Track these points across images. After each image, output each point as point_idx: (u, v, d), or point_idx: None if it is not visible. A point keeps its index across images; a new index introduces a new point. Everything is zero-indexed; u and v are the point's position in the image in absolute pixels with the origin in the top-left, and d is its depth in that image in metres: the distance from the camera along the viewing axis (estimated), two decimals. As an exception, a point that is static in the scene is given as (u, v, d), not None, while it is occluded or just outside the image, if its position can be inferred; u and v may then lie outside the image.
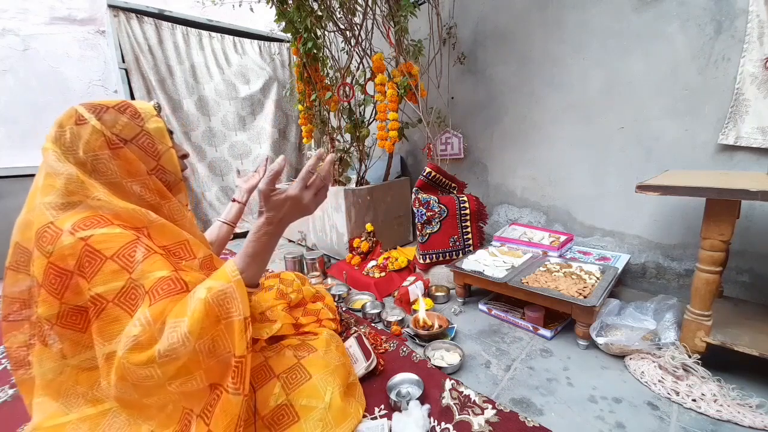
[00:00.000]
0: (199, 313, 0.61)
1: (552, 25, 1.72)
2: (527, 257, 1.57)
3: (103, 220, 0.67)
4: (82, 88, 2.67)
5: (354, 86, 2.11)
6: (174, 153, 0.82)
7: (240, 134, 2.95)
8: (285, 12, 1.87)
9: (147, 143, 0.77)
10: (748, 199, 0.85)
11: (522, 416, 0.91)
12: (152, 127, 0.79)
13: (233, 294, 0.64)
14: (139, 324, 0.61)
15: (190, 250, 0.79)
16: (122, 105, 0.76)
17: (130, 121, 0.75)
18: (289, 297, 1.14)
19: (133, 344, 0.60)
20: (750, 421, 0.86)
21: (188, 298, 0.64)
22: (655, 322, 1.16)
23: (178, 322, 0.61)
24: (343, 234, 2.09)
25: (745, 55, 1.23)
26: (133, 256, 0.65)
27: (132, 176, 0.75)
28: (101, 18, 2.62)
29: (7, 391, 1.13)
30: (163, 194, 0.80)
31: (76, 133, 0.70)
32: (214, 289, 0.64)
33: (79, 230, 0.64)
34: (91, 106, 0.73)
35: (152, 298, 0.63)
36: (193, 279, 0.69)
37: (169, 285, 0.65)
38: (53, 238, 0.64)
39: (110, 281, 0.63)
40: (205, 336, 0.62)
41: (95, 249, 0.64)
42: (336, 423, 0.80)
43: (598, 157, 1.67)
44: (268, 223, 0.69)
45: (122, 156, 0.73)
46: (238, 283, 0.66)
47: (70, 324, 0.67)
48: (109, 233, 0.65)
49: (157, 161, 0.79)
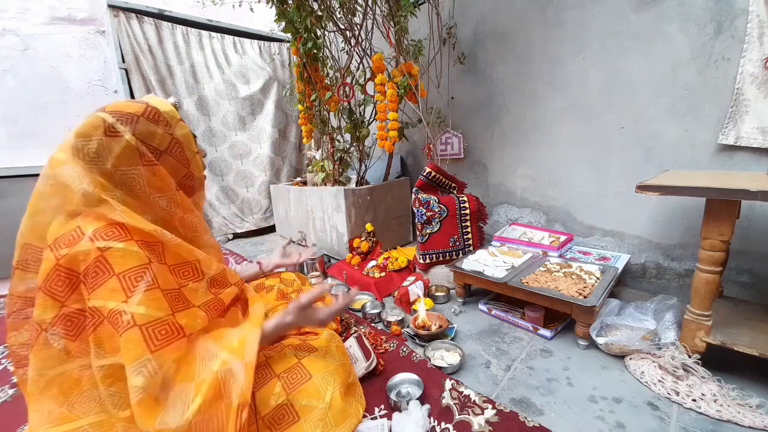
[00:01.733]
0: (207, 389, 0.64)
1: (552, 25, 1.72)
2: (527, 257, 1.57)
3: (123, 231, 0.67)
4: (82, 88, 2.67)
5: (354, 86, 2.11)
6: (199, 158, 0.82)
7: (240, 134, 2.95)
8: (285, 12, 1.87)
9: (178, 152, 0.77)
10: (748, 199, 0.85)
11: (522, 416, 0.91)
12: (180, 133, 0.77)
13: (240, 375, 0.67)
14: (146, 373, 0.61)
15: (200, 270, 0.80)
16: (151, 112, 0.73)
17: (163, 131, 0.74)
18: (290, 297, 1.14)
19: (140, 397, 0.60)
20: (750, 421, 0.86)
21: (198, 359, 0.66)
22: (655, 322, 1.16)
23: (187, 392, 0.63)
24: (343, 234, 2.09)
25: (745, 55, 1.23)
26: (138, 281, 0.65)
27: (161, 192, 0.74)
28: (101, 18, 2.62)
29: (7, 391, 1.13)
30: (186, 208, 0.80)
31: (106, 145, 0.67)
32: (227, 363, 0.66)
33: (99, 239, 0.63)
34: (121, 116, 0.69)
35: (149, 340, 0.63)
36: (189, 323, 0.70)
37: (167, 330, 0.66)
38: (73, 240, 0.64)
39: (108, 299, 0.63)
40: (205, 413, 0.63)
41: (108, 262, 0.63)
42: (336, 423, 0.80)
43: (598, 157, 1.67)
44: (291, 325, 0.84)
45: (156, 173, 0.72)
46: (249, 366, 0.68)
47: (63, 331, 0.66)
48: (126, 250, 0.65)
49: (187, 168, 0.79)
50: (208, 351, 0.69)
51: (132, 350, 0.62)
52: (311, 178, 2.51)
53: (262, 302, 0.92)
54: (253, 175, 3.02)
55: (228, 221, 2.92)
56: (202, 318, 0.76)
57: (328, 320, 0.88)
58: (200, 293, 0.78)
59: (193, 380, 0.64)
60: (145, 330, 0.63)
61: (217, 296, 0.83)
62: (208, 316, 0.78)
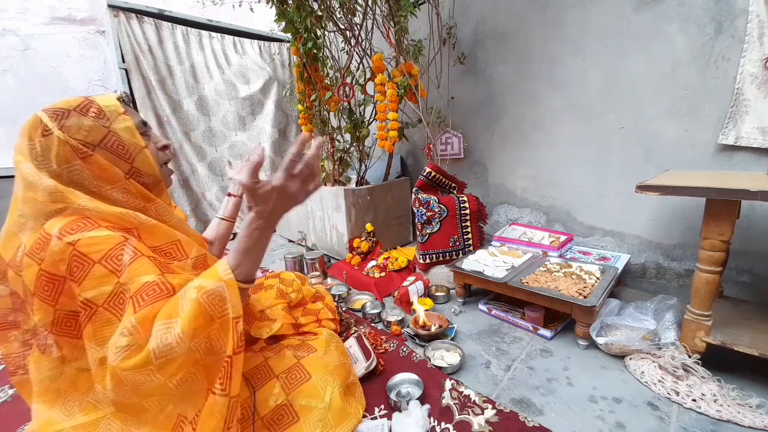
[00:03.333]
0: (191, 313, 0.59)
1: (552, 25, 1.72)
2: (527, 257, 1.57)
3: (90, 222, 0.65)
4: (82, 88, 2.67)
5: (354, 86, 2.11)
6: (148, 153, 0.76)
7: (240, 134, 2.95)
8: (285, 12, 1.87)
9: (116, 145, 0.72)
10: (748, 199, 0.85)
11: (522, 416, 0.91)
12: (120, 126, 0.73)
13: (224, 293, 0.63)
14: (127, 333, 0.59)
15: (182, 249, 0.77)
16: (84, 105, 0.71)
17: (94, 123, 0.70)
18: (289, 297, 1.14)
19: (125, 354, 0.58)
20: (750, 421, 0.86)
21: (178, 298, 0.62)
22: (655, 322, 1.16)
23: (171, 323, 0.59)
24: (343, 234, 2.09)
25: (745, 55, 1.23)
26: (120, 259, 0.63)
27: (110, 183, 0.71)
28: (101, 18, 2.62)
29: (7, 391, 1.13)
30: (146, 197, 0.76)
31: (45, 145, 0.66)
32: (205, 288, 0.62)
33: (66, 234, 0.62)
34: (54, 112, 0.68)
35: (136, 304, 0.61)
36: (181, 281, 0.67)
37: (155, 290, 0.63)
38: (44, 244, 0.63)
39: (99, 286, 0.62)
40: (199, 335, 0.61)
41: (82, 253, 0.62)
42: (336, 423, 0.79)
43: (598, 157, 1.67)
44: (258, 217, 0.68)
45: (93, 163, 0.69)
46: (230, 282, 0.64)
47: (65, 331, 0.65)
48: (95, 236, 0.63)
49: (130, 164, 0.74)
50: (185, 290, 0.64)
51: (126, 319, 0.60)
52: (311, 178, 2.51)
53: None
54: (253, 175, 3.02)
55: (228, 221, 2.92)
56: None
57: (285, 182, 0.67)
58: (186, 273, 0.74)
59: (178, 316, 0.60)
60: (134, 297, 0.62)
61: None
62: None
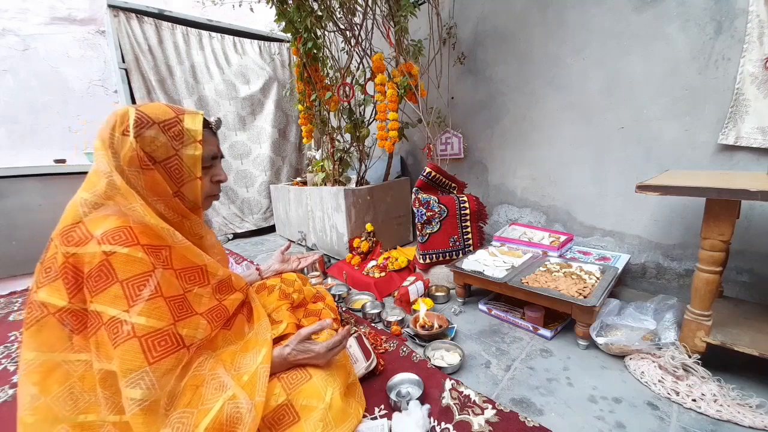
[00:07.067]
0: (210, 423, 0.64)
1: (552, 25, 1.72)
2: (527, 257, 1.57)
3: (130, 235, 0.67)
4: (82, 88, 2.67)
5: (354, 86, 2.11)
6: (198, 184, 0.79)
7: (240, 134, 2.95)
8: (285, 12, 1.87)
9: (175, 168, 0.76)
10: (748, 199, 0.85)
11: (522, 416, 0.91)
12: (188, 153, 0.76)
13: (246, 417, 0.67)
14: (144, 387, 0.61)
15: (205, 275, 0.81)
16: (171, 122, 0.74)
17: (167, 142, 0.73)
18: (291, 297, 1.14)
19: (138, 409, 0.61)
20: (750, 421, 0.86)
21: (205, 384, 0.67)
22: (655, 322, 1.16)
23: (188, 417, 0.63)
24: (343, 234, 2.09)
25: (745, 55, 1.23)
26: (141, 291, 0.65)
27: (157, 195, 0.75)
28: (101, 18, 2.63)
29: (7, 391, 1.13)
30: (184, 214, 0.81)
31: (120, 142, 0.71)
32: (236, 400, 0.67)
33: (106, 243, 0.64)
34: (141, 117, 0.71)
35: (147, 351, 0.63)
36: (189, 333, 0.71)
37: (166, 342, 0.66)
38: (81, 240, 0.65)
39: (109, 305, 0.64)
40: None
41: (112, 267, 0.64)
42: (336, 423, 0.79)
43: (598, 157, 1.67)
44: (285, 357, 0.82)
45: (149, 176, 0.73)
46: (258, 405, 0.69)
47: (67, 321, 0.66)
48: (130, 256, 0.65)
49: (178, 188, 0.78)
50: (217, 378, 0.70)
51: (129, 361, 0.62)
52: (311, 178, 2.51)
53: (266, 318, 0.91)
54: (253, 175, 3.03)
55: (228, 221, 2.92)
56: (204, 327, 0.76)
57: (326, 353, 0.84)
58: (205, 299, 0.79)
59: (197, 407, 0.64)
60: (144, 341, 0.63)
61: (221, 302, 0.84)
62: (211, 325, 0.78)
